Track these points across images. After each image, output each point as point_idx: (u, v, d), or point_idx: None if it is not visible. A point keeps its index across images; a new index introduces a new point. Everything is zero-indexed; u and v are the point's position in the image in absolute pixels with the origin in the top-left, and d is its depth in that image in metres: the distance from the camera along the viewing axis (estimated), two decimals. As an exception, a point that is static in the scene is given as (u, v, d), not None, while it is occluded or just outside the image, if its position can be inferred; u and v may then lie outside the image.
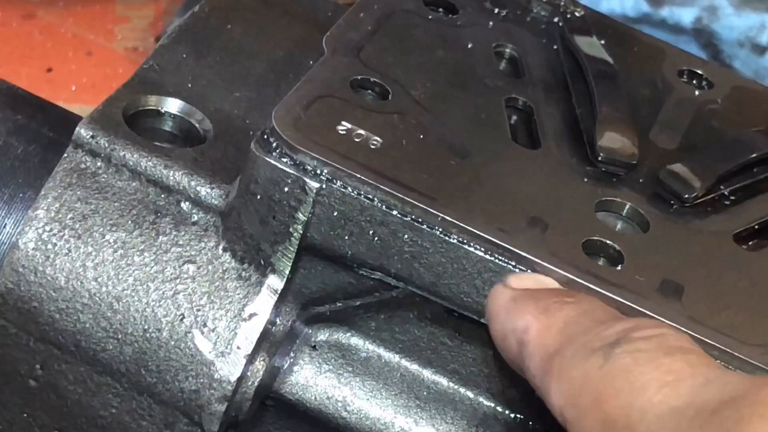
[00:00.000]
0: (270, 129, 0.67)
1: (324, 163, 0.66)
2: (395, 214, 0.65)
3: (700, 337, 0.63)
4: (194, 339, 0.69)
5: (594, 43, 0.81)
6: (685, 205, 0.72)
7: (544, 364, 0.57)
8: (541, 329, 0.59)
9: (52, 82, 1.21)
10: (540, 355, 0.58)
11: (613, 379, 0.53)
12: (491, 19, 0.83)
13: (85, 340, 0.70)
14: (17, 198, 0.74)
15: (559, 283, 0.64)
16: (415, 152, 0.69)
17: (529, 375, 0.59)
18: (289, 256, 0.68)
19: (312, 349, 0.73)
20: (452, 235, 0.65)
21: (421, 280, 0.67)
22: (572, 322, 0.58)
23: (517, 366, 0.61)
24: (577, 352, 0.56)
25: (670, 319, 0.63)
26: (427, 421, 0.73)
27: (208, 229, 0.71)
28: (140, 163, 0.71)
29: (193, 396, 0.69)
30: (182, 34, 0.81)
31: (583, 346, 0.56)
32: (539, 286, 0.63)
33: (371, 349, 0.73)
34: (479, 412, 0.73)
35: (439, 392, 0.73)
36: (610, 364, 0.54)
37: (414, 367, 0.73)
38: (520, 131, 0.76)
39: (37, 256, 0.70)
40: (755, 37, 1.07)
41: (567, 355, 0.56)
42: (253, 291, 0.69)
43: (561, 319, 0.59)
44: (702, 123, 0.81)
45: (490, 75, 0.78)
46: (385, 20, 0.79)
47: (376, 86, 0.73)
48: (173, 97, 0.76)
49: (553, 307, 0.60)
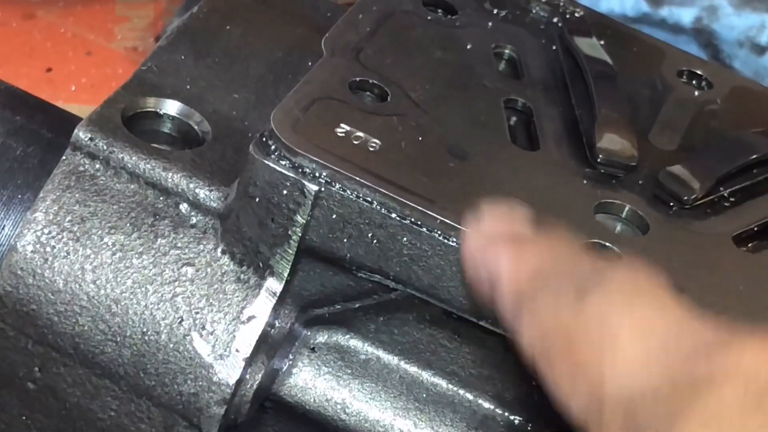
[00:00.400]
0: (269, 131, 0.67)
1: (323, 165, 0.66)
2: (394, 217, 0.65)
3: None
4: (193, 342, 0.69)
5: (593, 43, 0.81)
6: (684, 207, 0.71)
7: (516, 307, 0.57)
8: (512, 271, 0.58)
9: (51, 82, 1.21)
10: (512, 299, 0.57)
11: (585, 325, 0.53)
12: (490, 19, 0.83)
13: (84, 342, 0.70)
14: (16, 200, 0.74)
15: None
16: (413, 154, 0.69)
17: (500, 313, 0.59)
18: (288, 258, 0.68)
19: (311, 352, 0.73)
20: (451, 238, 0.65)
21: (420, 282, 0.67)
22: (545, 264, 0.58)
23: (488, 302, 0.60)
24: (548, 295, 0.55)
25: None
26: (426, 423, 0.73)
27: (207, 231, 0.70)
28: (139, 165, 0.71)
29: (192, 399, 0.69)
30: (181, 35, 0.81)
31: (555, 290, 0.55)
32: (512, 223, 0.62)
33: (370, 351, 0.73)
34: (478, 414, 0.73)
35: (438, 394, 0.73)
36: (582, 309, 0.53)
37: (413, 369, 0.73)
38: (519, 133, 0.76)
39: (36, 259, 0.70)
40: (755, 37, 1.06)
41: (539, 299, 0.56)
42: (251, 293, 0.69)
43: (533, 261, 0.58)
44: (701, 124, 0.80)
45: (489, 76, 0.78)
46: (384, 21, 0.79)
47: (375, 88, 0.73)
48: (172, 99, 0.76)
49: (525, 246, 0.59)
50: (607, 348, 0.51)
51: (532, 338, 0.55)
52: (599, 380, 0.51)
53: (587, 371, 0.51)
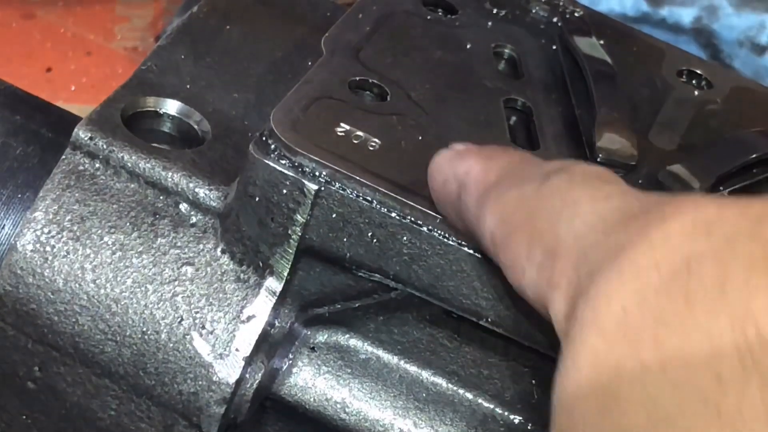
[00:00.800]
0: (268, 131, 0.67)
1: (322, 165, 0.66)
2: (394, 216, 0.65)
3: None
4: (193, 341, 0.69)
5: (593, 43, 0.81)
6: (684, 207, 0.71)
7: (481, 197, 0.58)
8: (483, 169, 0.60)
9: (51, 82, 1.21)
10: (478, 190, 0.59)
11: (547, 197, 0.54)
12: (490, 19, 0.83)
13: (84, 342, 0.70)
14: (16, 199, 0.74)
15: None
16: (413, 154, 0.69)
17: (466, 213, 0.60)
18: (288, 258, 0.68)
19: (311, 351, 0.73)
20: (451, 237, 0.65)
21: (420, 281, 0.67)
22: (513, 163, 0.59)
23: (455, 212, 0.62)
24: (515, 180, 0.57)
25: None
26: (426, 423, 0.73)
27: (207, 230, 0.70)
28: (138, 164, 0.71)
29: (191, 398, 0.69)
30: (181, 34, 0.81)
31: (521, 177, 0.57)
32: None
33: (370, 351, 0.73)
34: (478, 414, 0.72)
35: (438, 393, 0.73)
36: (546, 185, 0.55)
37: (413, 368, 0.73)
38: (519, 132, 0.76)
39: (36, 258, 0.70)
40: (755, 37, 1.06)
41: (505, 184, 0.57)
42: (251, 293, 0.69)
43: (502, 160, 0.60)
44: (701, 123, 0.80)
45: (489, 76, 0.78)
46: (383, 21, 0.79)
47: (375, 87, 0.73)
48: (172, 99, 0.76)
49: (497, 154, 0.61)
50: (566, 213, 0.52)
51: (495, 217, 0.56)
52: (555, 238, 0.52)
53: (544, 234, 0.52)
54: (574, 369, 0.47)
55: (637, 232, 0.48)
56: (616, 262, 0.47)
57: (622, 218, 0.50)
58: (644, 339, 0.45)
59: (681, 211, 0.47)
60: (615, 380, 0.45)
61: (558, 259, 0.51)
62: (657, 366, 0.44)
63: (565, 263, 0.50)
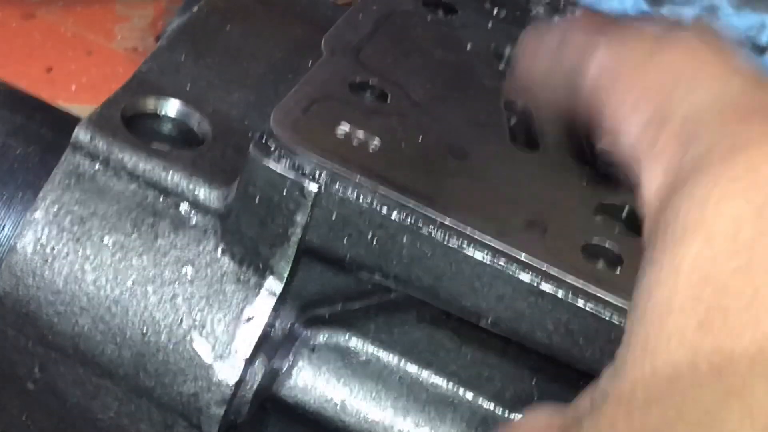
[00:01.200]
0: (268, 131, 0.67)
1: (323, 165, 0.66)
2: (394, 217, 0.65)
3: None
4: (193, 342, 0.69)
5: (593, 43, 0.81)
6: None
7: (591, 37, 0.52)
8: (591, 22, 0.54)
9: (51, 81, 1.21)
10: (586, 33, 0.53)
11: (671, 50, 0.49)
12: (490, 19, 0.83)
13: (84, 342, 0.70)
14: (16, 199, 0.74)
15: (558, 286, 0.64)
16: (414, 154, 0.69)
17: (566, 60, 0.55)
18: (288, 258, 0.68)
19: (311, 352, 0.73)
20: (451, 238, 0.65)
21: (420, 282, 0.66)
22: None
23: (550, 58, 0.56)
24: (633, 30, 0.52)
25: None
26: (426, 424, 0.73)
27: (207, 231, 0.70)
28: (138, 165, 0.71)
29: (191, 399, 0.69)
30: (181, 35, 0.81)
31: (639, 28, 0.52)
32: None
33: (370, 352, 0.73)
34: (479, 414, 0.72)
35: (439, 394, 0.73)
36: (672, 35, 0.50)
37: (413, 369, 0.73)
38: (520, 133, 0.75)
39: (35, 259, 0.70)
40: (755, 37, 1.06)
41: (622, 30, 0.52)
42: (251, 294, 0.69)
43: (612, 20, 0.55)
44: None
45: (490, 76, 0.78)
46: (383, 21, 0.79)
47: (375, 88, 0.73)
48: (172, 99, 0.76)
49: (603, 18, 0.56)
50: (687, 75, 0.48)
51: (603, 63, 0.51)
52: (668, 100, 0.47)
53: (659, 92, 0.48)
54: (674, 274, 0.42)
55: (761, 132, 0.44)
56: (731, 158, 0.43)
57: (749, 105, 0.45)
58: (760, 260, 0.41)
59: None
60: (722, 298, 0.41)
61: (667, 124, 0.46)
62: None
63: (674, 133, 0.46)
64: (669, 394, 0.42)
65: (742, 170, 0.43)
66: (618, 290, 0.64)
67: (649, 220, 0.46)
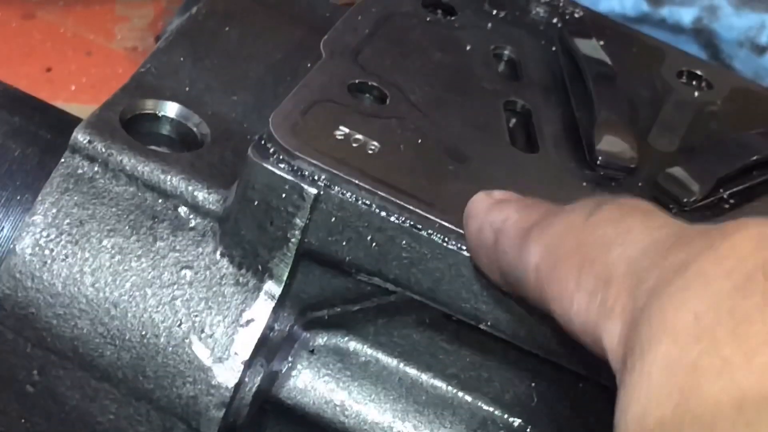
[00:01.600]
0: (267, 134, 0.67)
1: (322, 168, 0.66)
2: (393, 220, 0.65)
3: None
4: (192, 345, 0.69)
5: (593, 44, 0.81)
6: (684, 209, 0.71)
7: (523, 234, 0.56)
8: (521, 217, 0.58)
9: (51, 82, 1.21)
10: (518, 231, 0.57)
11: (597, 225, 0.52)
12: (489, 21, 0.83)
13: (83, 345, 0.70)
14: (14, 201, 0.74)
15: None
16: (413, 157, 0.69)
17: (503, 257, 0.58)
18: (287, 261, 0.68)
19: (310, 354, 0.73)
20: (450, 241, 0.65)
21: (419, 285, 0.66)
22: (555, 206, 0.58)
23: (491, 259, 0.60)
24: (561, 214, 0.55)
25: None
26: (425, 426, 0.72)
27: (206, 234, 0.70)
28: (137, 167, 0.71)
29: (190, 402, 0.69)
30: (179, 37, 0.81)
31: (567, 210, 0.55)
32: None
33: (369, 354, 0.73)
34: (478, 417, 0.72)
35: (438, 396, 0.73)
36: (596, 215, 0.53)
37: (412, 371, 0.73)
38: (519, 135, 0.75)
39: (34, 262, 0.70)
40: (755, 37, 1.06)
41: (549, 219, 0.55)
42: (250, 296, 0.69)
43: (544, 206, 0.58)
44: (701, 125, 0.80)
45: (489, 78, 0.78)
46: (383, 23, 0.79)
47: (374, 90, 0.73)
48: (170, 101, 0.76)
49: (537, 202, 0.59)
50: (619, 240, 0.50)
51: (540, 249, 0.54)
52: (607, 265, 0.50)
53: (595, 262, 0.51)
54: (645, 380, 0.45)
55: (701, 249, 0.47)
56: (681, 276, 0.46)
57: (680, 241, 0.49)
58: (723, 338, 0.44)
59: (743, 227, 0.47)
60: (694, 378, 0.44)
61: (611, 285, 0.49)
62: (740, 358, 0.43)
63: (620, 288, 0.49)
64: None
65: (693, 279, 0.46)
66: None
67: (616, 363, 0.48)
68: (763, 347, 0.43)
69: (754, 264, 0.45)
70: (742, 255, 0.46)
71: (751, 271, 0.45)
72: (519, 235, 0.56)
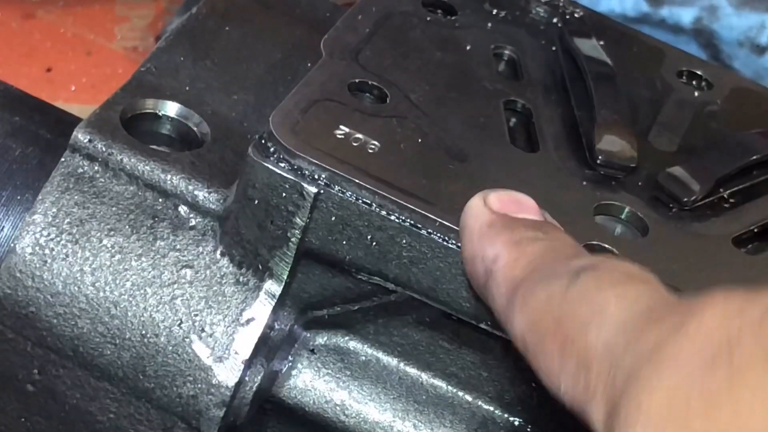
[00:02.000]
0: (267, 133, 0.67)
1: (322, 167, 0.66)
2: (393, 219, 0.65)
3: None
4: (192, 344, 0.69)
5: (593, 44, 0.81)
6: (684, 209, 0.71)
7: (510, 294, 0.58)
8: (510, 261, 0.59)
9: (51, 82, 1.21)
10: (506, 286, 0.58)
11: (574, 301, 0.54)
12: (490, 20, 0.83)
13: (83, 345, 0.70)
14: (15, 201, 0.74)
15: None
16: (413, 156, 0.69)
17: (494, 305, 0.59)
18: (287, 260, 0.68)
19: (310, 353, 0.73)
20: (450, 240, 0.65)
21: (420, 284, 0.66)
22: (541, 256, 0.59)
23: (482, 294, 0.61)
24: (541, 280, 0.56)
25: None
26: (425, 425, 0.72)
27: (206, 233, 0.70)
28: (137, 167, 0.71)
29: (191, 401, 0.69)
30: (180, 36, 0.81)
31: (548, 275, 0.56)
32: (518, 207, 0.63)
33: (370, 353, 0.73)
34: (478, 416, 0.72)
35: (438, 396, 0.73)
36: (573, 287, 0.54)
37: (412, 370, 0.73)
38: (519, 134, 0.75)
39: (35, 261, 0.70)
40: (755, 38, 1.06)
41: (532, 284, 0.57)
42: (251, 296, 0.69)
43: (531, 252, 0.59)
44: (701, 124, 0.80)
45: (489, 77, 0.78)
46: (383, 22, 0.79)
47: (374, 89, 0.73)
48: (171, 101, 0.76)
49: (525, 240, 0.60)
50: (595, 318, 0.52)
51: (524, 320, 0.56)
52: (586, 347, 0.52)
53: (575, 343, 0.52)
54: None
55: (670, 330, 0.48)
56: (653, 359, 0.48)
57: (652, 319, 0.50)
58: (694, 418, 0.45)
59: (710, 303, 0.48)
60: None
61: (591, 369, 0.51)
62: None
63: (600, 372, 0.51)
64: None
65: (665, 361, 0.47)
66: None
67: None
68: (732, 424, 0.44)
69: (720, 340, 0.46)
70: (708, 332, 0.47)
71: (716, 348, 0.46)
72: (507, 289, 0.58)
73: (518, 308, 0.57)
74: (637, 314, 0.51)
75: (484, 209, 0.62)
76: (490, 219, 0.62)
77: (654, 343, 0.49)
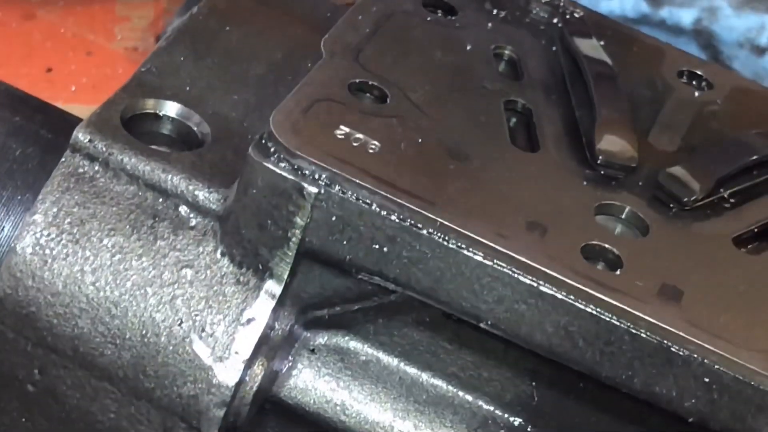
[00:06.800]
0: (268, 133, 0.67)
1: (322, 167, 0.66)
2: (393, 219, 0.65)
3: (699, 342, 0.63)
4: (192, 344, 0.69)
5: (593, 44, 0.81)
6: (684, 209, 0.71)
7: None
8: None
9: (51, 82, 1.21)
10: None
11: None
12: (490, 20, 0.83)
13: (83, 345, 0.70)
14: (15, 201, 0.74)
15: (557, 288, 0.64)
16: (413, 156, 0.69)
17: None
18: (288, 260, 0.68)
19: (311, 353, 0.73)
20: (450, 240, 0.65)
21: (420, 284, 0.66)
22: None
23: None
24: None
25: (668, 324, 0.63)
26: (426, 425, 0.73)
27: (206, 233, 0.70)
28: (138, 167, 0.71)
29: (191, 401, 0.69)
30: (180, 36, 0.81)
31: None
32: None
33: (370, 353, 0.73)
34: (478, 416, 0.73)
35: (438, 396, 0.73)
36: None
37: (413, 370, 0.73)
38: (519, 134, 0.76)
39: (35, 261, 0.70)
40: (755, 38, 1.06)
41: None
42: (251, 295, 0.69)
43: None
44: (702, 124, 0.80)
45: (489, 77, 0.78)
46: (383, 22, 0.79)
47: (375, 89, 0.73)
48: (171, 101, 0.76)
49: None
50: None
51: None
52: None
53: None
54: None
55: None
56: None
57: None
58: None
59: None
60: None
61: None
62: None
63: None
64: None
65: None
66: (617, 292, 0.64)
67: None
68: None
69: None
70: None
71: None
72: None
73: None
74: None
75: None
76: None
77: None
